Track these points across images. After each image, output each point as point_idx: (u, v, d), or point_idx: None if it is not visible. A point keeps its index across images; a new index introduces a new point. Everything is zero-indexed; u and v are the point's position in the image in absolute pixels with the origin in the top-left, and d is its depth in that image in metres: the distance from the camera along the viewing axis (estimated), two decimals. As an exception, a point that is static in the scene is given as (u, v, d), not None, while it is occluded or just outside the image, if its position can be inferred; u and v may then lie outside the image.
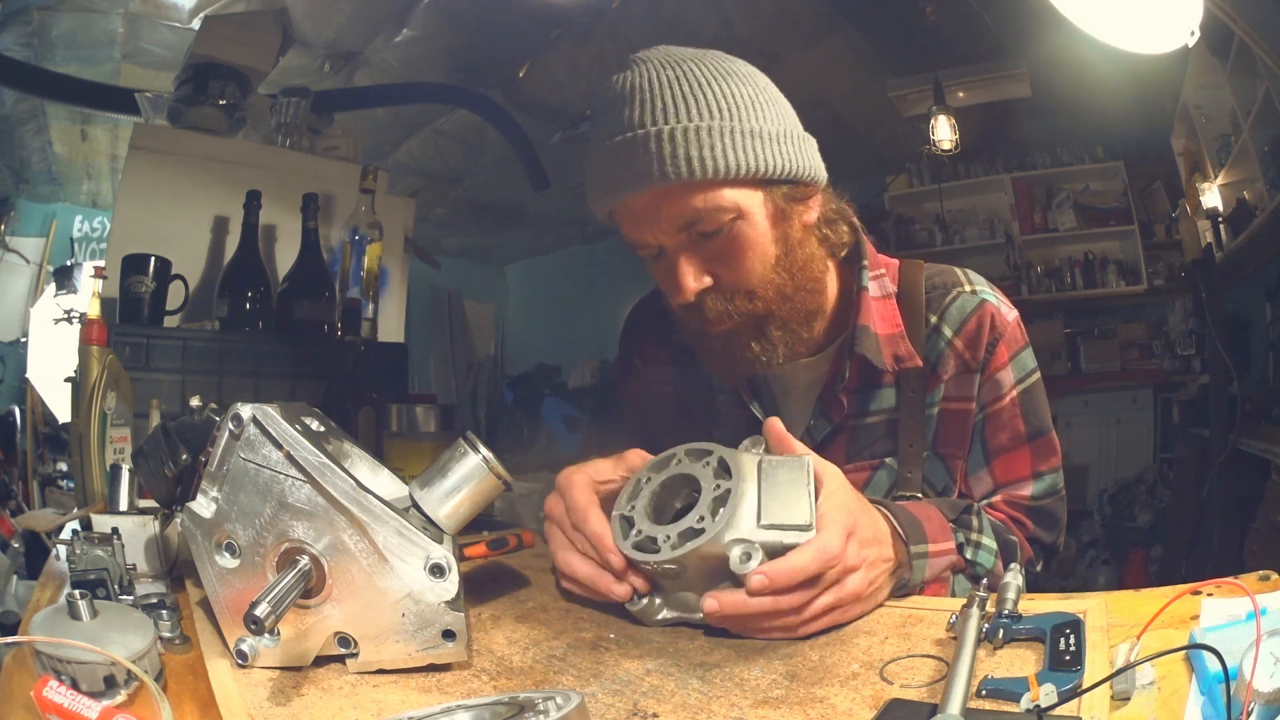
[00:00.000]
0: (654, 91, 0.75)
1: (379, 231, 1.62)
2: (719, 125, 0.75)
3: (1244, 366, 2.55)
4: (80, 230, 3.79)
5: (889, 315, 0.88)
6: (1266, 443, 2.29)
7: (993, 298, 0.89)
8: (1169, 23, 1.09)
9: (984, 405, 0.88)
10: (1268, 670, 0.40)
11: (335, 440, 0.65)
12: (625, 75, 0.78)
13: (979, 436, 0.89)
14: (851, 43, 2.61)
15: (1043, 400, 0.90)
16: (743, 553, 0.62)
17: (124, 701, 0.47)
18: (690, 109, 0.74)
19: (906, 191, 3.73)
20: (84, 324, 1.15)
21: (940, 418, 0.87)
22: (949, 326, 0.87)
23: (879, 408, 0.88)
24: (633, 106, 0.75)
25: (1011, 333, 0.88)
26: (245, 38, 1.78)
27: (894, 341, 0.87)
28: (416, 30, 2.42)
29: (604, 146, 0.77)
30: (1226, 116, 2.47)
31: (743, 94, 0.77)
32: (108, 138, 3.07)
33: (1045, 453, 0.90)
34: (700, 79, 0.76)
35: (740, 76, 0.78)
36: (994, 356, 0.87)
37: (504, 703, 0.45)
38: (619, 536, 0.67)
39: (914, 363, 0.86)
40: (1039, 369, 0.90)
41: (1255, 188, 2.36)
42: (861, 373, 0.87)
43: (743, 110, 0.76)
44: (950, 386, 0.87)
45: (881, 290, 0.89)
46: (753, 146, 0.76)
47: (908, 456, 0.87)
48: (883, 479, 0.88)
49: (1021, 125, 3.30)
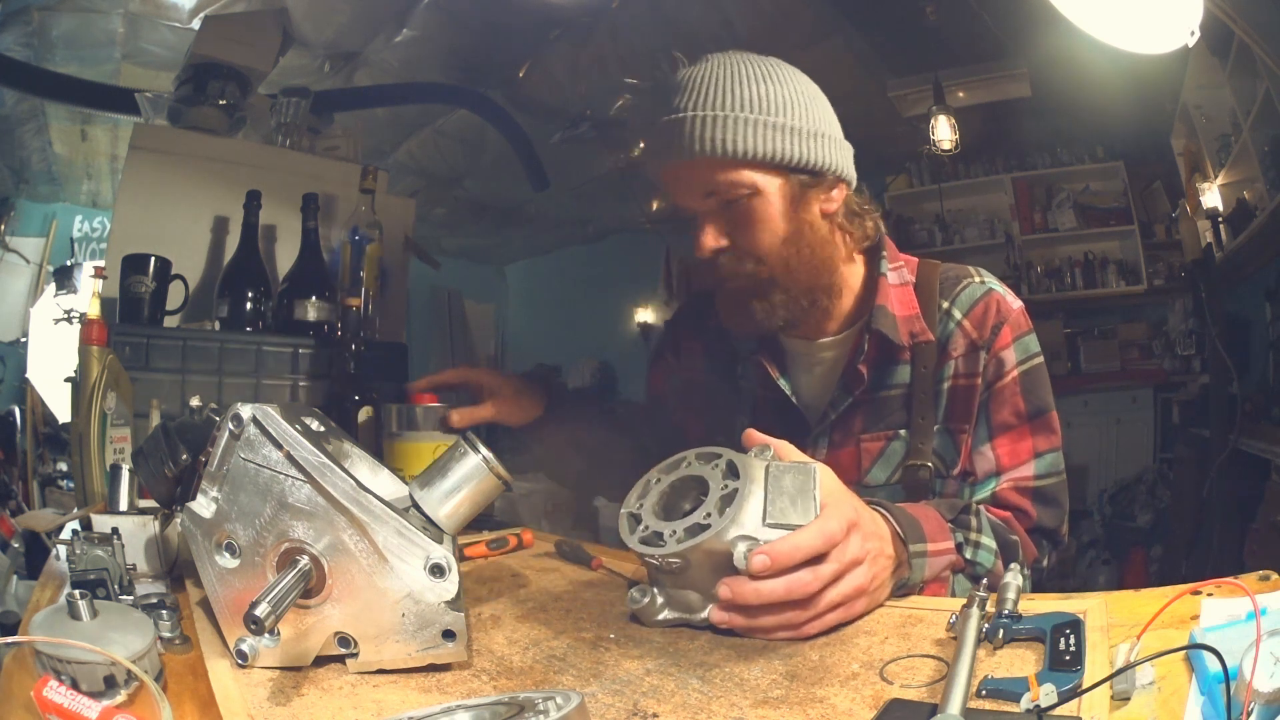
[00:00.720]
0: (702, 83, 0.89)
1: (379, 231, 1.62)
2: (745, 116, 0.87)
3: (1244, 366, 2.55)
4: (80, 230, 3.79)
5: (906, 299, 0.97)
6: (1266, 443, 2.28)
7: (1000, 288, 0.98)
8: (1169, 23, 1.09)
9: (989, 382, 0.95)
10: (1268, 670, 0.40)
11: (335, 440, 0.65)
12: (692, 68, 0.92)
13: (984, 412, 0.95)
14: (851, 43, 2.61)
15: (1044, 382, 0.96)
16: (747, 548, 0.62)
17: (124, 701, 0.47)
18: (728, 101, 0.88)
19: (906, 191, 3.73)
20: (84, 324, 1.15)
21: (950, 393, 0.95)
22: (959, 309, 0.96)
23: (895, 382, 0.97)
24: (685, 94, 0.90)
25: (1016, 318, 0.96)
26: (245, 38, 1.78)
27: (909, 321, 0.96)
28: (416, 30, 2.42)
29: (660, 122, 0.91)
30: (1226, 116, 2.46)
31: (778, 93, 0.89)
32: (108, 138, 3.07)
33: (1045, 431, 0.95)
34: (743, 77, 0.89)
35: (781, 79, 0.91)
36: (998, 337, 0.94)
37: (504, 703, 0.45)
38: (626, 532, 0.68)
39: (926, 337, 0.95)
40: (1043, 355, 0.96)
41: (1255, 188, 2.36)
42: (880, 349, 0.96)
43: (772, 106, 0.89)
44: (959, 364, 0.95)
45: (900, 279, 0.99)
46: (774, 137, 0.88)
47: (919, 429, 0.95)
48: (897, 449, 0.96)
49: (1021, 125, 3.30)
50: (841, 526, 0.64)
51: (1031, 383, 0.95)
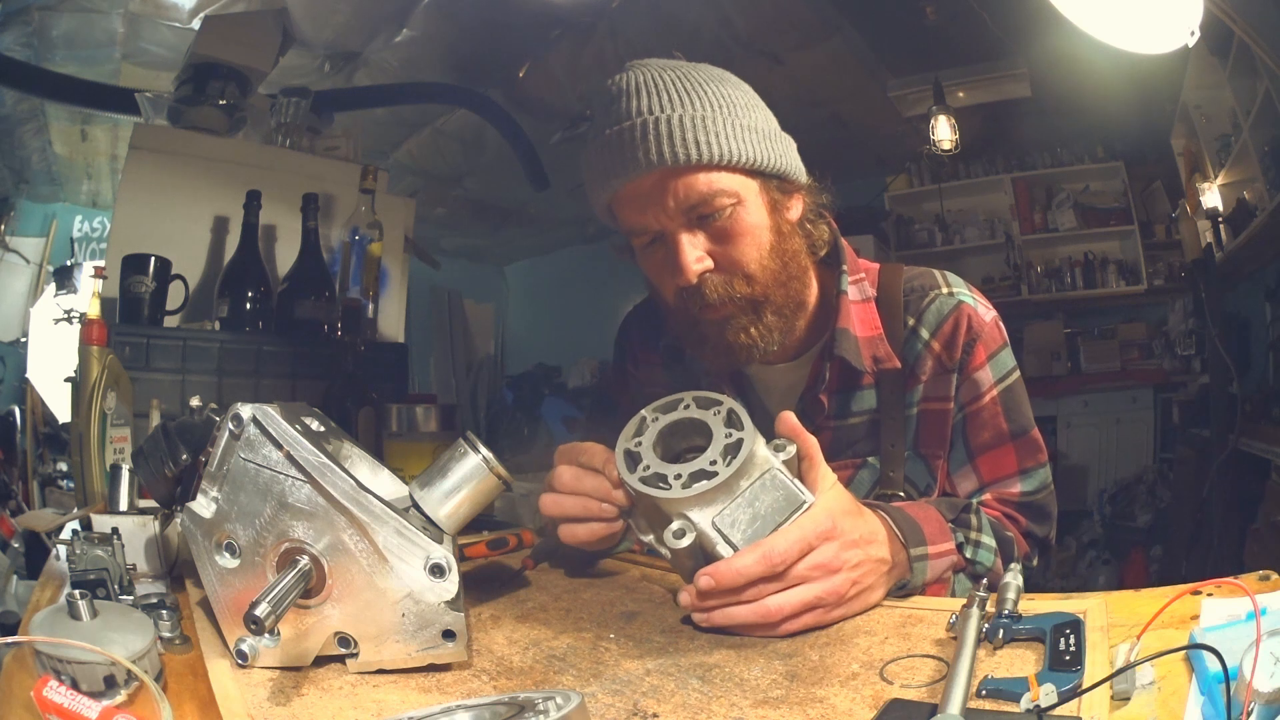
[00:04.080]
0: (657, 85, 0.79)
1: (379, 231, 1.62)
2: (718, 116, 0.79)
3: (1244, 366, 2.55)
4: (80, 230, 3.78)
5: (868, 318, 0.90)
6: (1266, 443, 2.28)
7: (970, 299, 0.91)
8: (1169, 23, 1.09)
9: (963, 405, 0.89)
10: (1268, 670, 0.40)
11: (335, 440, 0.65)
12: (624, 75, 0.82)
13: (960, 435, 0.90)
14: (851, 43, 2.61)
15: (1024, 398, 0.91)
16: (679, 529, 0.64)
17: (124, 701, 0.47)
18: (692, 100, 0.79)
19: (906, 191, 3.73)
20: (84, 324, 1.15)
21: (920, 418, 0.89)
22: (926, 328, 0.89)
23: (860, 409, 0.90)
24: (637, 98, 0.79)
25: (989, 333, 0.89)
26: (245, 38, 1.78)
27: (873, 344, 0.89)
28: (416, 30, 2.42)
29: (605, 136, 0.80)
30: (1226, 116, 2.47)
31: (735, 95, 0.82)
32: (108, 138, 3.07)
33: (1031, 450, 0.91)
34: (698, 79, 0.81)
35: (732, 82, 0.84)
36: (971, 357, 0.88)
37: (504, 703, 0.45)
38: (624, 469, 0.68)
39: (892, 364, 0.88)
40: (1019, 368, 0.91)
41: (1255, 188, 2.36)
42: (841, 374, 0.89)
43: (738, 107, 0.81)
44: (928, 387, 0.89)
45: (861, 294, 0.91)
46: (749, 138, 0.80)
47: (889, 456, 0.89)
48: (865, 478, 0.90)
49: (1021, 125, 3.30)
50: (784, 544, 0.63)
51: (1012, 401, 0.89)
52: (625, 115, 0.79)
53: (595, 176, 0.82)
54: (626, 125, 0.78)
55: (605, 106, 0.81)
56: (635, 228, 0.82)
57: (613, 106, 0.80)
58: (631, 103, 0.79)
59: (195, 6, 2.17)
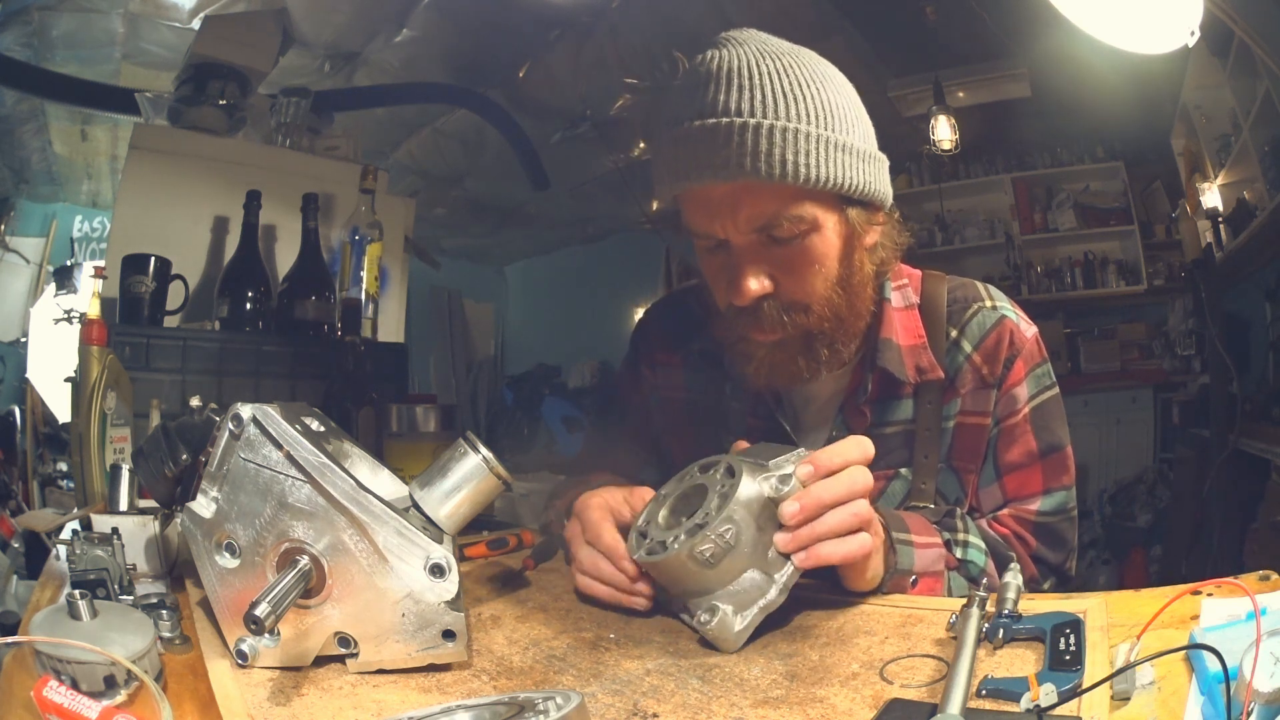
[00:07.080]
0: (753, 80, 0.72)
1: (379, 231, 1.62)
2: (815, 132, 0.72)
3: (1244, 366, 2.55)
4: (80, 230, 3.78)
5: (911, 326, 0.87)
6: (1266, 443, 2.28)
7: (1013, 314, 0.88)
8: (1169, 23, 1.09)
9: (999, 420, 0.87)
10: (1268, 670, 0.40)
11: (335, 440, 0.65)
12: (719, 55, 0.74)
13: (991, 451, 0.88)
14: (851, 43, 2.61)
15: (1059, 416, 0.89)
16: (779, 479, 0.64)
17: (124, 701, 0.47)
18: (790, 108, 0.72)
19: (906, 191, 3.72)
20: (84, 324, 1.15)
21: (956, 431, 0.87)
22: (969, 341, 0.87)
23: (897, 418, 0.87)
24: (728, 91, 0.72)
25: (1030, 349, 0.87)
26: (245, 38, 1.78)
27: (916, 353, 0.86)
28: (416, 30, 2.42)
29: (688, 126, 0.73)
30: (1226, 116, 2.46)
31: (838, 104, 0.75)
32: (108, 138, 3.07)
33: (1057, 470, 0.88)
34: (801, 79, 0.73)
35: (836, 84, 0.77)
36: (1011, 372, 0.86)
37: (504, 703, 0.45)
38: (634, 549, 0.69)
39: (936, 374, 0.85)
40: (1058, 386, 0.89)
41: (1255, 188, 2.36)
42: (882, 384, 0.86)
43: (837, 120, 0.74)
44: (967, 401, 0.87)
45: (904, 301, 0.88)
46: (842, 160, 0.74)
47: (922, 467, 0.86)
48: (897, 489, 0.87)
49: (1021, 125, 3.30)
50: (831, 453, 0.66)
51: (1044, 418, 0.87)
52: (712, 109, 0.71)
53: (667, 167, 0.75)
54: (711, 123, 0.71)
55: (692, 89, 0.74)
56: (700, 231, 0.77)
57: (700, 92, 0.72)
58: (721, 95, 0.71)
59: (195, 6, 2.17)
